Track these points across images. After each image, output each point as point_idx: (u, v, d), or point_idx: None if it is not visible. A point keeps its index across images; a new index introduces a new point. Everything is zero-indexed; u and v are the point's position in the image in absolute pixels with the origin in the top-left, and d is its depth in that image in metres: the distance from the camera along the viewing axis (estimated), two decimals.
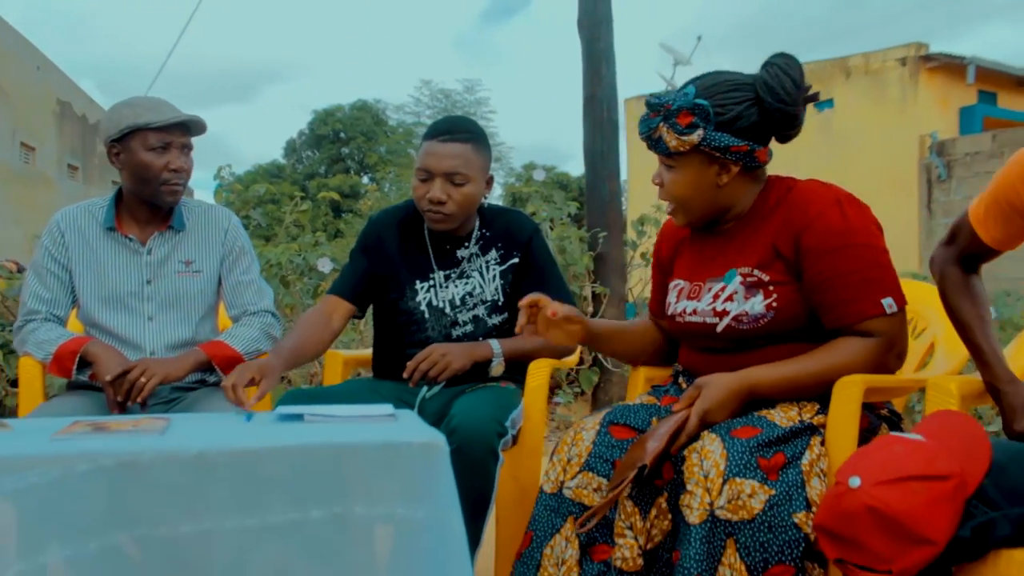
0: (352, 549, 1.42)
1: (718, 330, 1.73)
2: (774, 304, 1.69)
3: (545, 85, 71.14)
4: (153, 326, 2.22)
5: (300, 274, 5.03)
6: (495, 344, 2.14)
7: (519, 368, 2.19)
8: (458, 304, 2.21)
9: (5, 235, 9.65)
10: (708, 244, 1.84)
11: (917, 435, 1.34)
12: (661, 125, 1.71)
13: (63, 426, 1.54)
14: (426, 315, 2.21)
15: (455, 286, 2.22)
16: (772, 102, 1.68)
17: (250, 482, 1.37)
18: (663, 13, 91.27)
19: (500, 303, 2.21)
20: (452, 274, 2.22)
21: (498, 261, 2.23)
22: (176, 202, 2.22)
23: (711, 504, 1.47)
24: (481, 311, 2.21)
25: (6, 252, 5.44)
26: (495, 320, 2.22)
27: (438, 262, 2.23)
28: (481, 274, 2.22)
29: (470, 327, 2.20)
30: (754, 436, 1.54)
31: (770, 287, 1.69)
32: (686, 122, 1.68)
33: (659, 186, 1.80)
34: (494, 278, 2.22)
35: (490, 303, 2.21)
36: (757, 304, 1.70)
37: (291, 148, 36.93)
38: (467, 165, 2.11)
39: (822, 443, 1.59)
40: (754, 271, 1.72)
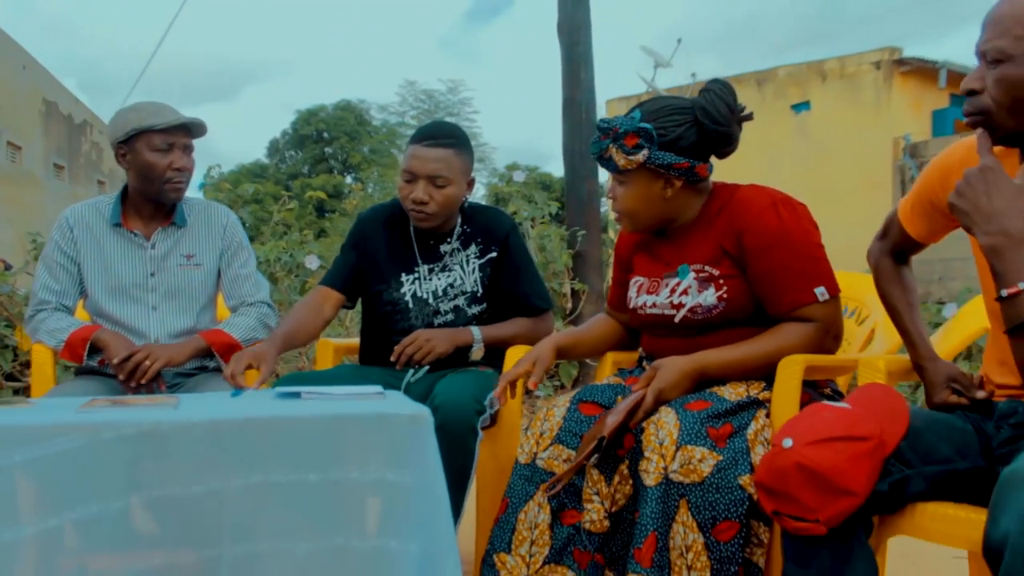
0: (346, 509, 1.55)
1: (676, 320, 1.92)
2: (724, 296, 1.87)
3: (529, 86, 71.53)
4: (157, 315, 2.38)
5: (288, 271, 5.19)
6: (476, 331, 2.32)
7: (497, 354, 2.36)
8: (440, 295, 2.38)
9: None
10: (662, 245, 2.02)
11: (844, 404, 1.52)
12: (611, 146, 1.89)
13: (82, 403, 1.70)
14: (410, 305, 2.38)
15: (438, 278, 2.39)
16: (709, 124, 1.87)
17: (255, 449, 1.51)
18: (645, 16, 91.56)
19: (479, 294, 2.39)
20: (435, 267, 2.40)
21: (477, 255, 2.40)
22: (179, 199, 2.38)
23: (665, 468, 1.65)
24: (461, 301, 2.38)
25: None
26: (474, 310, 2.39)
27: (422, 256, 2.41)
28: (462, 267, 2.40)
29: (451, 316, 2.38)
30: (705, 408, 1.73)
31: (720, 280, 1.87)
32: (632, 143, 1.86)
33: (612, 199, 1.99)
34: (473, 271, 2.40)
35: (470, 294, 2.39)
36: (709, 296, 1.88)
37: (274, 148, 36.90)
38: (449, 169, 2.28)
39: (767, 416, 1.77)
40: (705, 267, 1.90)
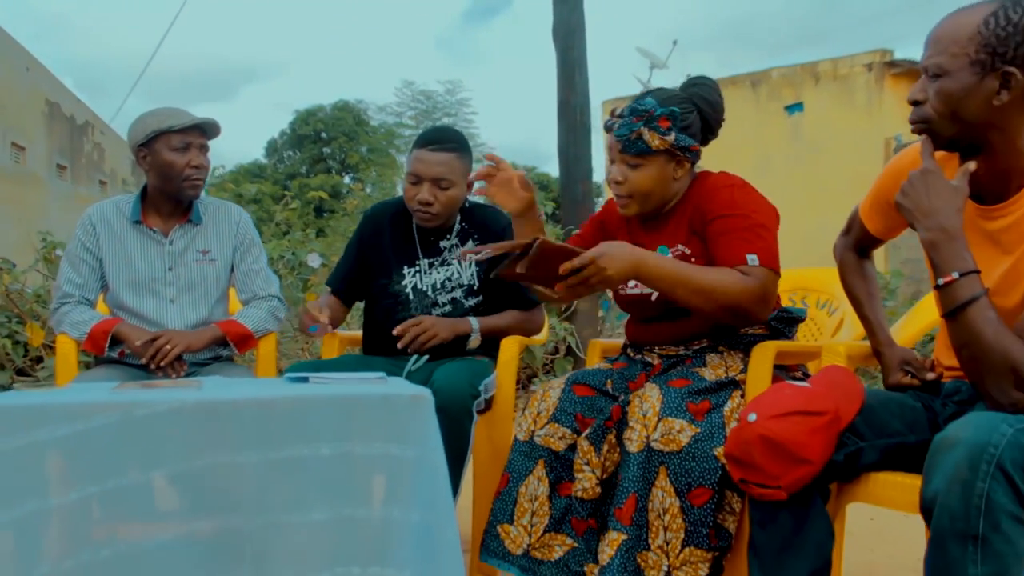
0: (354, 482, 1.67)
1: (652, 299, 2.07)
2: None
3: (527, 86, 71.61)
4: (174, 308, 2.54)
5: (291, 269, 5.34)
6: (474, 321, 2.49)
7: (493, 344, 2.52)
8: (439, 287, 2.54)
9: None
10: (642, 229, 2.15)
11: (804, 383, 1.69)
12: (643, 128, 1.98)
13: (113, 386, 1.86)
14: (411, 297, 2.55)
15: (437, 272, 2.56)
16: (710, 112, 2.05)
17: (272, 425, 1.64)
18: (641, 17, 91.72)
19: (475, 287, 2.55)
20: (435, 261, 2.56)
21: None
22: (196, 196, 2.54)
23: (647, 438, 1.82)
24: (459, 294, 2.55)
25: None
26: (471, 302, 2.55)
27: (423, 251, 2.57)
28: (459, 261, 2.56)
29: (448, 307, 2.54)
30: (686, 385, 1.90)
31: (692, 259, 2.01)
32: (666, 125, 1.98)
33: (618, 183, 2.04)
34: (470, 265, 2.56)
35: (466, 287, 2.55)
36: None
37: (272, 148, 37.00)
38: (451, 171, 2.44)
39: (742, 396, 1.93)
40: (679, 247, 2.04)
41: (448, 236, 2.57)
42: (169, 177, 2.48)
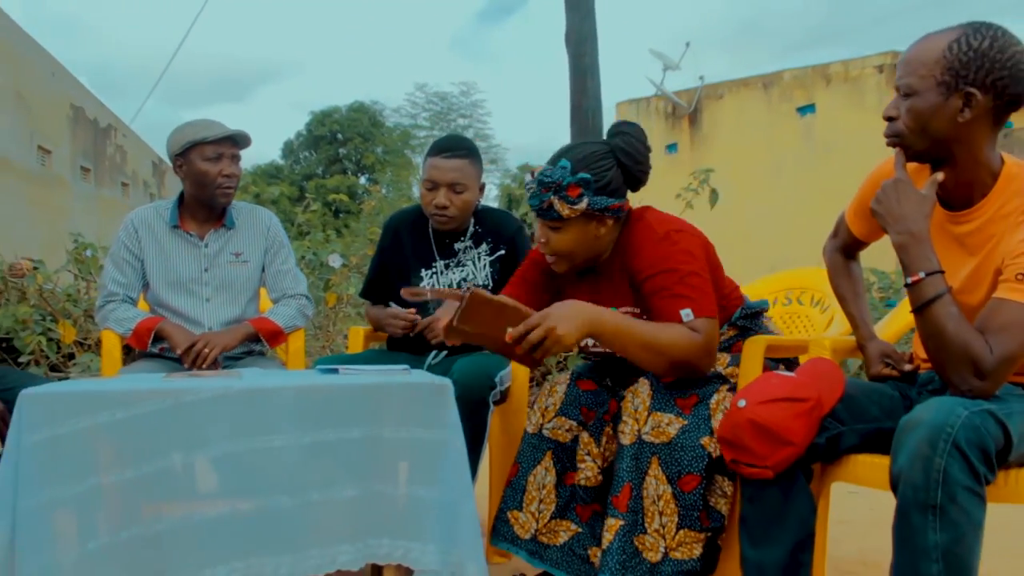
0: (382, 463, 1.81)
1: (618, 355, 2.08)
2: None
3: (541, 86, 71.68)
4: (210, 306, 2.73)
5: (312, 269, 5.52)
6: None
7: None
8: (455, 287, 2.72)
9: (23, 235, 10.03)
10: (584, 285, 2.18)
11: (790, 373, 1.85)
12: (552, 198, 2.00)
13: (162, 375, 2.03)
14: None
15: (453, 272, 2.73)
16: (632, 165, 2.06)
17: (307, 411, 1.78)
18: (654, 19, 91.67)
19: (489, 287, 2.72)
20: (451, 263, 2.74)
21: (488, 252, 2.74)
22: (228, 203, 2.73)
23: (639, 431, 1.96)
24: None
25: (24, 251, 5.86)
26: None
27: (440, 253, 2.75)
28: (474, 263, 2.73)
29: None
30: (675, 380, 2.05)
31: (643, 316, 2.08)
32: (576, 193, 1.99)
33: (543, 243, 2.08)
34: (484, 266, 2.73)
35: (481, 287, 2.72)
36: None
37: (289, 149, 37.22)
38: (465, 176, 2.62)
39: (729, 389, 2.05)
40: (630, 308, 2.11)
41: (462, 238, 2.75)
42: (203, 185, 2.66)
